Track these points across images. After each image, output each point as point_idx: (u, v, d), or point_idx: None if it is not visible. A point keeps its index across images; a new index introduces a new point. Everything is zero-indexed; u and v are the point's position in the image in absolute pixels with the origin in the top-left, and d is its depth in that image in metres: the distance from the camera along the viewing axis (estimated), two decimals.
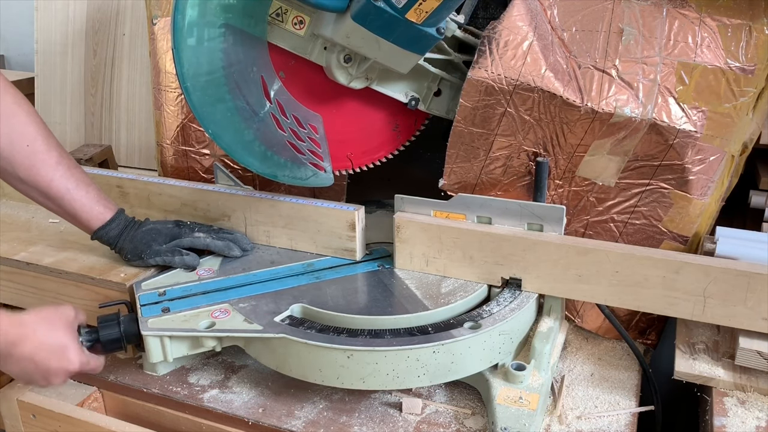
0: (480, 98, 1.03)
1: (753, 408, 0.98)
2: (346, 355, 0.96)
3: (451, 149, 1.09)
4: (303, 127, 1.10)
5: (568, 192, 1.10)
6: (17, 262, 1.22)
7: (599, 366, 1.13)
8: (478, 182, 1.11)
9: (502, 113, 1.04)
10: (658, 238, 1.09)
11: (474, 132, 1.06)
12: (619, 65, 1.04)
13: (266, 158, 1.09)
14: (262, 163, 1.09)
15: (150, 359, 1.04)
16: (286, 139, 1.09)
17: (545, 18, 1.06)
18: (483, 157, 1.08)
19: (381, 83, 1.16)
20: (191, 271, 1.18)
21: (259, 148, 1.08)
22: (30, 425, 1.09)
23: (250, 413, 1.02)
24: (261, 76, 1.09)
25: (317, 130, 1.11)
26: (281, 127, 1.08)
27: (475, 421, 1.00)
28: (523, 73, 1.01)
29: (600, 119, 1.02)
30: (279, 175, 1.11)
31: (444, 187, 1.12)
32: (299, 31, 1.08)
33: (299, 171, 1.11)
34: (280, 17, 1.07)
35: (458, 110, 1.05)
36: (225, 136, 1.06)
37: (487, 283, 1.10)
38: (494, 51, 1.02)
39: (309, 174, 1.11)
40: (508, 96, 1.02)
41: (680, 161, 1.03)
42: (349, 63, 1.10)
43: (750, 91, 1.02)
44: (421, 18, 0.96)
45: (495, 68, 1.02)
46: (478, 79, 1.03)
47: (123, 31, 1.82)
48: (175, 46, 0.99)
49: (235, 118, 1.05)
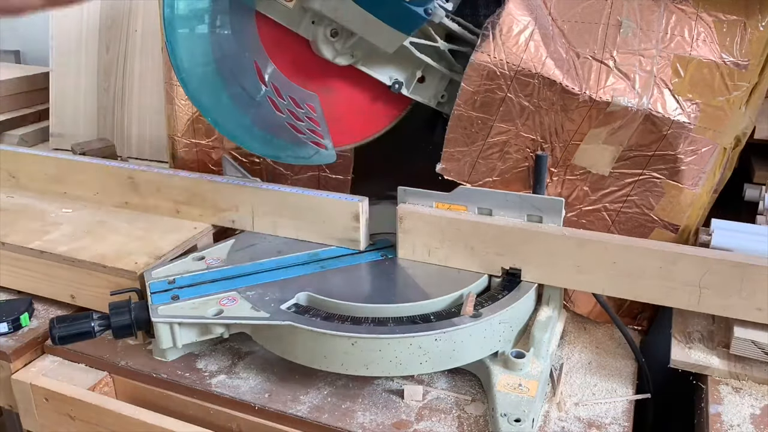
0: (481, 82, 1.05)
1: (747, 396, 1.00)
2: (351, 343, 0.98)
3: (450, 133, 1.10)
4: (300, 107, 1.11)
5: (563, 181, 1.12)
6: (31, 251, 1.25)
7: (597, 354, 1.15)
8: (475, 166, 1.12)
9: (502, 98, 1.05)
10: (649, 226, 1.11)
11: (474, 116, 1.08)
12: (617, 56, 1.05)
13: (267, 141, 1.10)
14: (264, 145, 1.11)
15: (160, 345, 1.07)
16: (285, 120, 1.10)
17: (545, 10, 1.07)
18: (481, 142, 1.09)
19: (366, 64, 1.17)
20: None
21: (260, 131, 1.09)
22: (43, 408, 1.11)
23: (257, 398, 1.04)
24: (254, 61, 1.10)
25: (314, 109, 1.12)
26: (279, 109, 1.09)
27: (475, 407, 1.02)
28: (525, 59, 1.03)
29: (597, 107, 1.03)
30: (282, 156, 1.12)
31: (441, 171, 1.13)
32: (288, 3, 1.09)
33: (301, 150, 1.12)
34: None
35: (459, 94, 1.07)
36: (225, 123, 1.08)
37: (487, 273, 1.12)
38: (497, 36, 1.03)
39: (311, 153, 1.12)
40: (509, 81, 1.03)
41: (673, 152, 1.04)
42: (335, 38, 1.12)
43: (743, 85, 1.03)
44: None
45: (497, 53, 1.03)
46: (481, 63, 1.04)
47: (135, 28, 1.84)
48: (167, 39, 1.01)
49: (233, 105, 1.07)
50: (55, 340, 1.04)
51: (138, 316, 1.06)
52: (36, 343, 1.18)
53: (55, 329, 1.04)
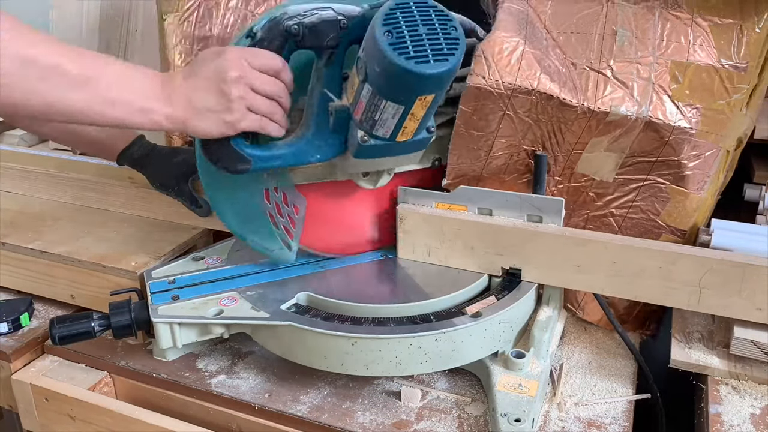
0: (479, 103, 1.05)
1: (747, 396, 1.00)
2: (351, 343, 0.98)
3: (453, 150, 1.10)
4: (288, 205, 1.12)
5: (568, 188, 1.12)
6: (31, 251, 1.25)
7: (597, 354, 1.15)
8: (480, 179, 1.13)
9: (501, 116, 1.05)
10: (656, 231, 1.11)
11: (474, 135, 1.08)
12: (614, 66, 1.05)
13: (245, 221, 1.12)
14: (240, 224, 1.12)
15: (160, 345, 1.07)
16: (269, 210, 1.11)
17: (540, 23, 1.07)
18: (484, 158, 1.10)
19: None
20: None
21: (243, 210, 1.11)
22: (43, 408, 1.11)
23: (257, 398, 1.04)
24: None
25: (298, 211, 1.14)
26: (268, 198, 1.10)
27: (475, 408, 1.02)
28: (520, 77, 1.03)
29: (596, 118, 1.03)
30: (248, 239, 1.13)
31: (447, 186, 1.14)
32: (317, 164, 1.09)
33: (268, 242, 1.13)
34: None
35: (458, 115, 1.07)
36: (216, 195, 1.10)
37: (487, 273, 1.12)
38: (489, 58, 1.03)
39: (275, 247, 1.13)
40: (506, 100, 1.04)
41: (676, 157, 1.04)
42: (368, 175, 1.15)
43: (743, 87, 1.03)
44: (410, 134, 0.99)
45: (492, 74, 1.03)
46: (476, 86, 1.04)
47: (135, 27, 1.84)
48: None
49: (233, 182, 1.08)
50: (55, 340, 1.04)
51: (138, 316, 1.06)
52: (36, 343, 1.18)
53: (55, 329, 1.04)
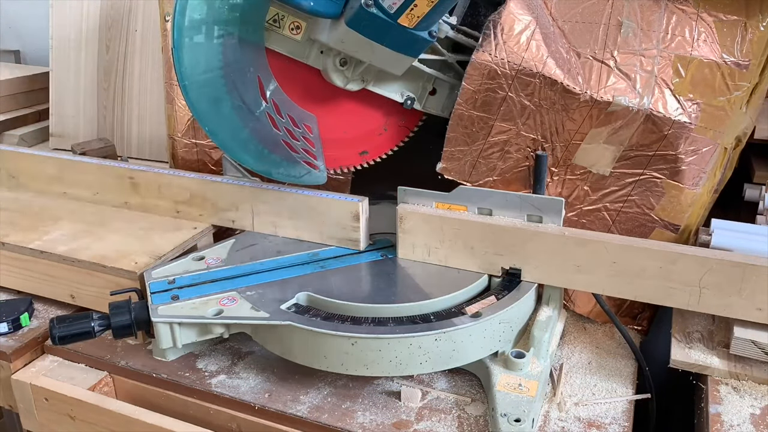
0: (482, 81, 1.05)
1: (747, 396, 1.00)
2: (351, 343, 0.98)
3: (451, 132, 1.10)
4: (298, 126, 1.11)
5: (563, 181, 1.11)
6: (31, 251, 1.25)
7: (597, 354, 1.15)
8: (475, 166, 1.12)
9: (503, 98, 1.05)
10: (650, 226, 1.11)
11: (474, 115, 1.08)
12: (618, 56, 1.05)
13: (262, 156, 1.11)
14: (258, 160, 1.11)
15: (160, 345, 1.07)
16: (281, 137, 1.10)
17: (546, 10, 1.07)
18: (482, 141, 1.09)
19: (377, 84, 1.18)
20: None
21: (255, 146, 1.10)
22: (43, 408, 1.11)
23: (257, 398, 1.04)
24: (258, 76, 1.10)
25: (311, 129, 1.13)
26: (276, 126, 1.09)
27: (475, 408, 1.02)
28: (526, 58, 1.03)
29: (598, 107, 1.03)
30: (273, 173, 1.12)
31: (441, 170, 1.14)
32: (296, 36, 1.10)
33: (293, 169, 1.12)
34: (278, 23, 1.09)
35: (460, 93, 1.07)
36: (221, 134, 1.08)
37: (487, 273, 1.12)
38: (498, 35, 1.03)
39: (303, 172, 1.13)
40: (510, 80, 1.03)
41: (674, 152, 1.04)
42: (345, 66, 1.13)
43: (744, 85, 1.03)
44: (413, 22, 0.98)
45: (498, 52, 1.03)
46: (482, 62, 1.04)
47: (135, 27, 1.84)
48: (174, 45, 1.01)
49: (231, 117, 1.07)
50: (55, 340, 1.04)
51: (138, 316, 1.06)
52: (36, 343, 1.18)
53: (55, 329, 1.04)
